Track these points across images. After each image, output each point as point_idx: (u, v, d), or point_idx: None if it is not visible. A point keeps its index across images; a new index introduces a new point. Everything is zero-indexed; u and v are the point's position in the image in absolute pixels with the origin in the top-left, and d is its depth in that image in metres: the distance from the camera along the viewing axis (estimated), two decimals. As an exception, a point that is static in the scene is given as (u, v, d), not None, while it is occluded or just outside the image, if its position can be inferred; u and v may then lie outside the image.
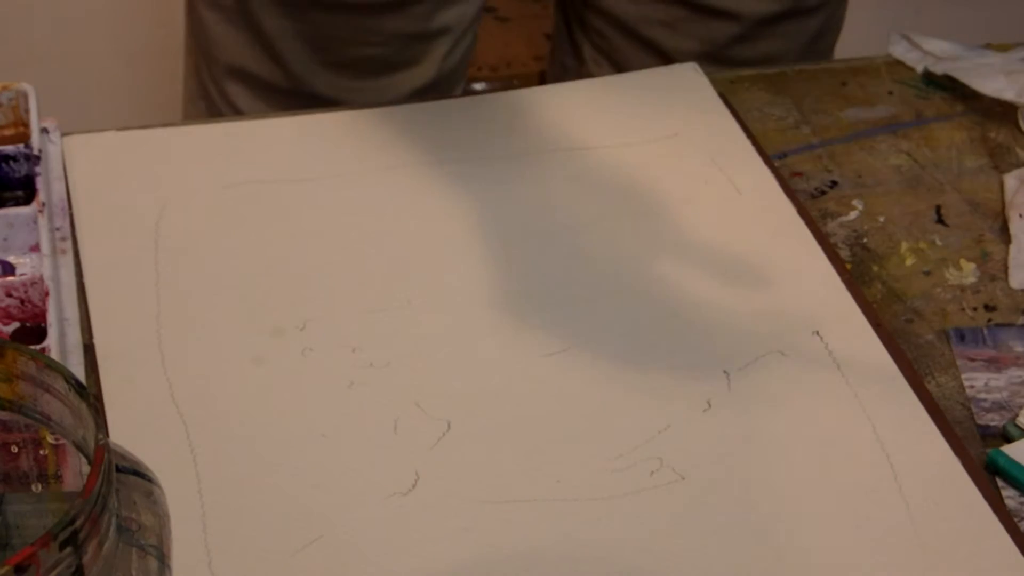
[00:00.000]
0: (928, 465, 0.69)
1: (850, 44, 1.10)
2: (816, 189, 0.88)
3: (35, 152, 0.81)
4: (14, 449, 0.56)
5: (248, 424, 0.70)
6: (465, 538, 0.65)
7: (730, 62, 1.01)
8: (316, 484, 0.67)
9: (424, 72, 1.01)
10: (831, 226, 0.85)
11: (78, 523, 0.46)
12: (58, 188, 0.81)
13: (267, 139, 0.88)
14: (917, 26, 1.05)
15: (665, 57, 1.02)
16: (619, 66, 1.03)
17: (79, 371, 0.71)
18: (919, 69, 0.97)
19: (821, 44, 1.06)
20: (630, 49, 1.04)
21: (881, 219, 0.86)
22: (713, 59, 1.01)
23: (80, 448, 0.51)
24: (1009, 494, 0.69)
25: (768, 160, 0.88)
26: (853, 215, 0.86)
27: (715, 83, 0.94)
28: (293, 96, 0.98)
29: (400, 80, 1.00)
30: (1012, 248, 0.83)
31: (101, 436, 0.48)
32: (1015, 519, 0.67)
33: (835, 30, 1.08)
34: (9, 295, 0.75)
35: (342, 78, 0.99)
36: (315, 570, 0.64)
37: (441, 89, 1.02)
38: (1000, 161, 0.91)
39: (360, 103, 0.94)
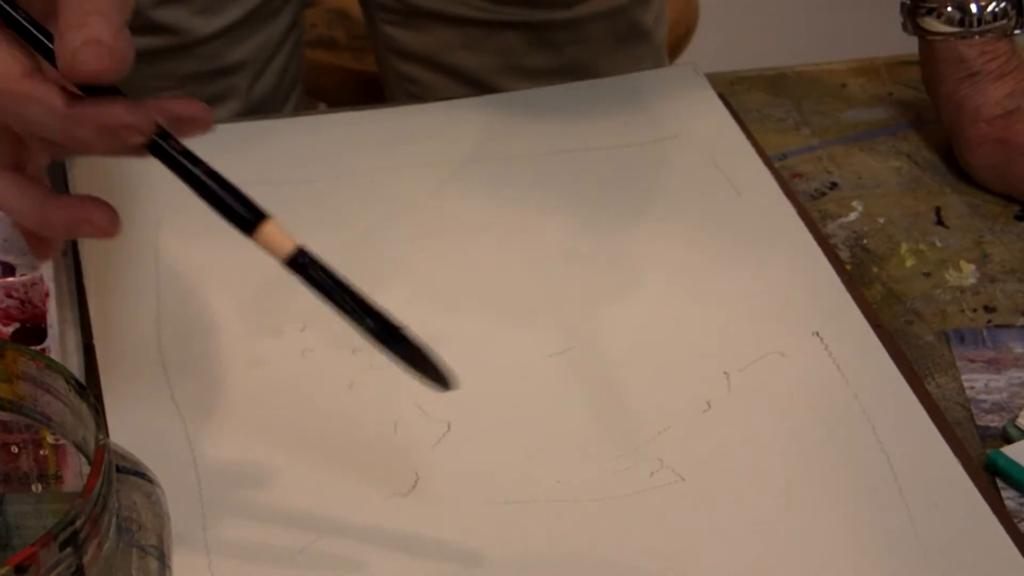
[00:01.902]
0: (928, 466, 0.69)
1: (851, 45, 1.10)
2: (816, 190, 0.88)
3: (35, 153, 0.81)
4: (14, 449, 0.56)
5: (248, 425, 0.70)
6: (465, 538, 0.65)
7: (537, 74, 1.01)
8: (316, 485, 0.67)
9: (231, 107, 1.00)
10: (831, 227, 0.85)
11: (78, 523, 0.46)
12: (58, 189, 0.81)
13: (266, 140, 0.88)
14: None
15: (472, 81, 1.02)
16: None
17: (79, 372, 0.71)
18: None
19: (632, 40, 1.04)
20: (439, 83, 1.04)
21: (881, 220, 0.86)
22: (519, 72, 1.01)
23: (80, 448, 0.51)
24: (1009, 495, 0.69)
25: (768, 161, 0.88)
26: (853, 216, 0.86)
27: (715, 84, 0.94)
28: None
29: None
30: None
31: (101, 436, 0.48)
32: (1015, 520, 0.67)
33: (641, 27, 1.05)
34: (9, 296, 0.75)
35: None
36: (315, 570, 0.64)
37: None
38: (1000, 162, 0.91)
39: None
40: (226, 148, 0.87)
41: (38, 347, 0.69)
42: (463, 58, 1.03)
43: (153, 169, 0.85)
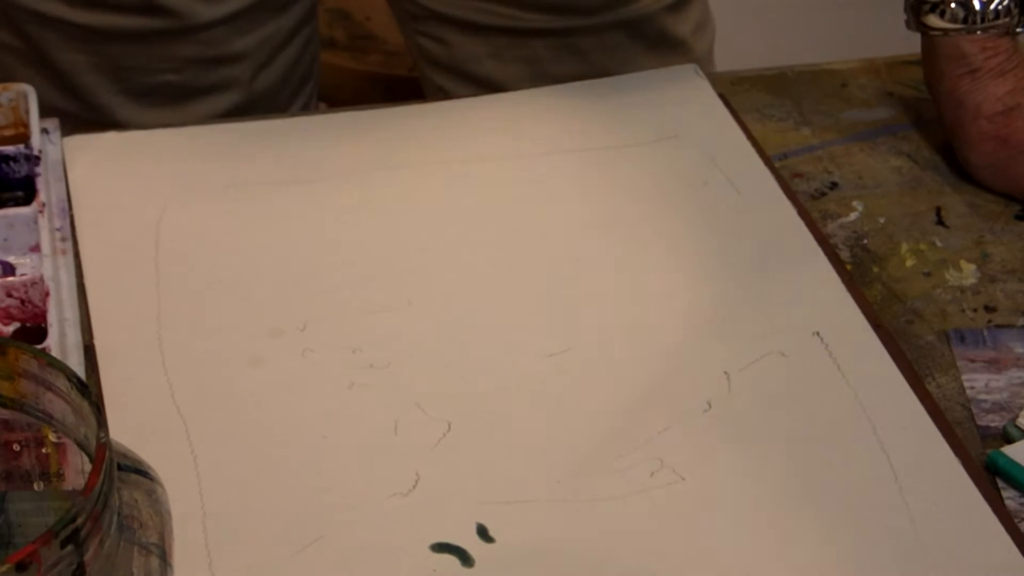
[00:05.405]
0: (928, 465, 0.69)
1: (851, 44, 1.10)
2: (816, 190, 0.88)
3: (35, 152, 0.81)
4: (16, 447, 0.56)
5: (248, 424, 0.70)
6: (465, 538, 0.65)
7: (562, 79, 0.99)
8: (316, 484, 0.67)
9: (231, 97, 1.00)
10: (831, 227, 0.85)
11: (79, 521, 0.46)
12: (58, 188, 0.82)
13: (267, 140, 0.88)
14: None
15: (500, 91, 1.00)
16: None
17: (79, 371, 0.71)
18: None
19: (664, 47, 1.03)
20: (468, 93, 1.02)
21: (881, 220, 0.86)
22: (546, 81, 1.01)
23: (82, 446, 0.51)
24: (1009, 495, 0.69)
25: (768, 161, 0.88)
26: (853, 216, 0.86)
27: (715, 84, 0.94)
28: (100, 128, 0.92)
29: (205, 105, 0.98)
30: None
31: (103, 434, 0.48)
32: (1015, 519, 0.67)
33: (675, 36, 1.04)
34: (9, 295, 0.75)
35: (144, 107, 0.97)
36: (315, 570, 0.64)
37: (259, 112, 0.99)
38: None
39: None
40: (226, 148, 0.87)
41: (38, 347, 0.69)
42: (490, 68, 1.03)
43: (153, 168, 0.86)
